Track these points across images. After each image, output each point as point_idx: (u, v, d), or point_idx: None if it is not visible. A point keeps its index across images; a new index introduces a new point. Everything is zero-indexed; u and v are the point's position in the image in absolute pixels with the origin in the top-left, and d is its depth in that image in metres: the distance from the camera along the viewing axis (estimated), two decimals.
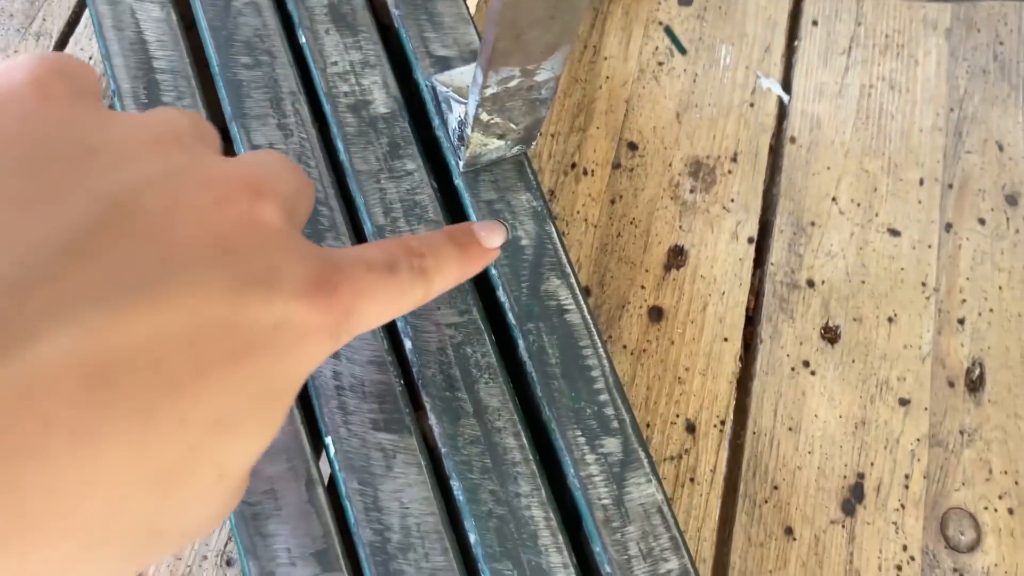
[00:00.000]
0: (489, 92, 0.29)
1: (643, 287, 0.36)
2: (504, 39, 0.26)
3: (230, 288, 0.17)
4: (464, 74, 0.35)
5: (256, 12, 0.35)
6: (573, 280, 0.33)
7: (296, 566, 0.28)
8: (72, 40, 0.36)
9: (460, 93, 0.34)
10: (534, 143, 0.35)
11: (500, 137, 0.32)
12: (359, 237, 0.33)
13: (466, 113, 0.31)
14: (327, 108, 0.34)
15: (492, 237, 0.28)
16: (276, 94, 0.34)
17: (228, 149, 0.33)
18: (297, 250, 0.20)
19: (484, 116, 0.30)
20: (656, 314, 0.36)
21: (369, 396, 0.30)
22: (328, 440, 0.29)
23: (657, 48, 0.41)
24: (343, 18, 0.35)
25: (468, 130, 0.31)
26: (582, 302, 0.32)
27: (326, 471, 0.30)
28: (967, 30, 0.44)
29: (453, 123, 0.33)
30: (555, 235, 0.33)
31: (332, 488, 0.30)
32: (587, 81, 0.39)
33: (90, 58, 0.36)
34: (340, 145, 0.33)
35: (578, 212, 0.37)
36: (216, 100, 0.34)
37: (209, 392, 0.17)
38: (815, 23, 0.42)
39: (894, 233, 0.39)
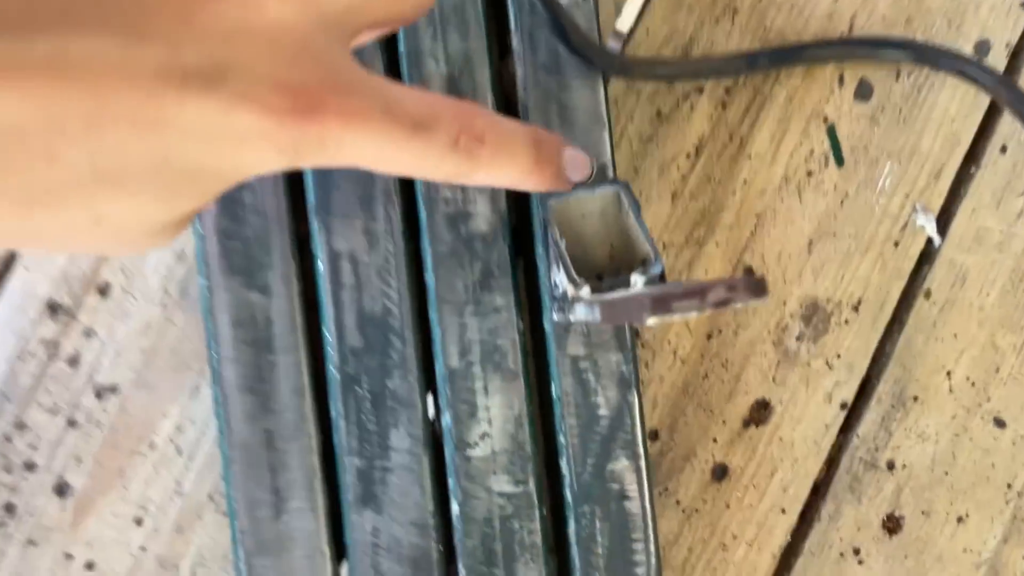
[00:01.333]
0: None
1: (715, 440, 0.34)
2: None
3: (160, 74, 0.17)
4: (583, 204, 0.30)
5: None
6: (643, 463, 0.31)
7: None
8: None
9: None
10: None
11: None
12: (429, 378, 0.30)
13: (566, 299, 0.27)
14: (423, 216, 0.30)
15: (576, 169, 0.26)
16: (368, 191, 0.30)
17: (305, 243, 0.30)
18: (292, 50, 0.18)
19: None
20: (720, 472, 0.34)
21: (405, 559, 0.29)
22: None
23: (812, 151, 0.35)
24: None
25: (560, 314, 0.27)
26: (646, 490, 0.31)
27: None
28: None
29: (557, 284, 0.29)
30: (637, 408, 0.31)
31: None
32: (720, 182, 0.34)
33: None
34: (429, 264, 0.30)
35: (669, 342, 0.34)
36: (300, 182, 0.30)
37: (89, 140, 0.17)
38: (1003, 149, 0.36)
39: (999, 424, 0.36)
